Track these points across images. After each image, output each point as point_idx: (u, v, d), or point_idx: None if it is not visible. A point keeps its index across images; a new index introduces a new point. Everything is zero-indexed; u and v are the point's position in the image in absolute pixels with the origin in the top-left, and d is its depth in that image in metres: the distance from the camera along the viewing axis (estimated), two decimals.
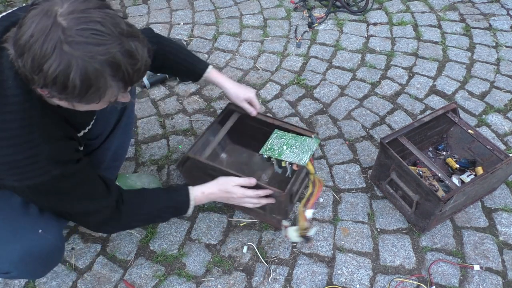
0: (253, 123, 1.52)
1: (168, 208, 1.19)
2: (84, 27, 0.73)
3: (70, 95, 0.78)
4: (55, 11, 0.73)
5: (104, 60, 0.75)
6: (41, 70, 0.74)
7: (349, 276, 1.36)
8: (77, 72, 0.74)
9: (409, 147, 1.41)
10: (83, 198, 1.01)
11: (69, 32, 0.73)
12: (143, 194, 1.18)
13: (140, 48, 0.80)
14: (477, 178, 1.33)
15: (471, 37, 2.25)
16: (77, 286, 1.36)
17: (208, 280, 1.37)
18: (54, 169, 0.90)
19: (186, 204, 1.20)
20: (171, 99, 1.98)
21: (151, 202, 1.16)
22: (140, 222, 1.22)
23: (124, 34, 0.77)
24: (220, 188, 1.25)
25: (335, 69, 2.10)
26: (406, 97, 1.95)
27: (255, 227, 1.49)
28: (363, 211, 1.53)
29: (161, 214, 1.21)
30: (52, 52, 0.73)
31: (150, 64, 0.85)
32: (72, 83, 0.75)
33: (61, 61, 0.73)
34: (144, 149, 1.76)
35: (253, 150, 1.66)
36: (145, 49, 0.82)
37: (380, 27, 2.34)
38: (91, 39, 0.74)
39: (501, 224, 1.48)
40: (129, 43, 0.78)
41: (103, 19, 0.75)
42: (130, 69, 0.79)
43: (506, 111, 1.87)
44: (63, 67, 0.73)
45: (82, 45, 0.73)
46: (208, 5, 2.52)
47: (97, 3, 0.77)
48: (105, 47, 0.75)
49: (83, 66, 0.74)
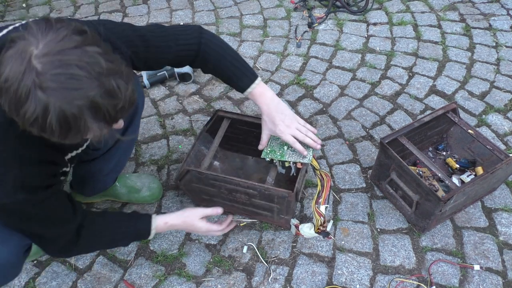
0: (244, 127, 1.52)
1: (129, 234, 1.18)
2: (59, 72, 0.70)
3: (50, 136, 0.76)
4: (30, 52, 0.70)
5: (82, 105, 0.72)
6: (18, 113, 0.72)
7: (349, 276, 1.36)
8: (54, 117, 0.71)
9: (409, 147, 1.41)
10: (45, 223, 0.99)
11: (43, 77, 0.69)
12: (105, 219, 1.17)
13: (122, 85, 0.76)
14: (477, 178, 1.33)
15: (471, 37, 2.25)
16: (77, 286, 1.36)
17: (208, 280, 1.37)
18: (19, 193, 0.88)
19: (147, 232, 1.19)
20: (171, 99, 1.98)
21: (112, 229, 1.16)
22: (99, 247, 1.22)
23: (103, 73, 0.73)
24: (184, 220, 1.24)
25: (335, 69, 2.10)
26: (406, 97, 1.95)
27: (255, 227, 1.49)
28: (363, 211, 1.53)
29: (121, 240, 1.20)
30: (27, 98, 0.70)
31: (135, 99, 0.82)
32: (49, 127, 0.73)
33: (36, 106, 0.70)
34: (144, 149, 1.76)
35: (245, 154, 1.67)
36: (129, 85, 0.78)
37: (380, 27, 2.34)
38: (67, 84, 0.70)
39: (501, 224, 1.48)
40: (110, 82, 0.74)
41: (80, 60, 0.71)
42: (111, 110, 0.76)
43: (506, 111, 1.87)
44: (39, 112, 0.71)
45: (57, 91, 0.70)
46: (208, 5, 2.52)
47: (75, 41, 0.72)
48: (82, 91, 0.71)
49: (60, 111, 0.71)
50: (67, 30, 0.73)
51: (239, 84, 1.21)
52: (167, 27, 1.16)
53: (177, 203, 1.57)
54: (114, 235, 1.16)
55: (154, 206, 1.57)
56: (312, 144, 1.25)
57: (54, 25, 0.73)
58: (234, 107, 1.92)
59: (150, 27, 1.13)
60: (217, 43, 1.19)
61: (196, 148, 1.48)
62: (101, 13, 2.51)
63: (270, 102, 1.22)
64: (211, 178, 1.35)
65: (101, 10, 2.53)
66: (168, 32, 1.14)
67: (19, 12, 2.55)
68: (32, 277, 1.38)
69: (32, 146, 0.87)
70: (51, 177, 0.96)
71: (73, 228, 1.05)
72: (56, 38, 0.72)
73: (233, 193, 1.39)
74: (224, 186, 1.37)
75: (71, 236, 1.06)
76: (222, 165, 1.66)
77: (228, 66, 1.20)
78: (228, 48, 1.21)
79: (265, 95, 1.22)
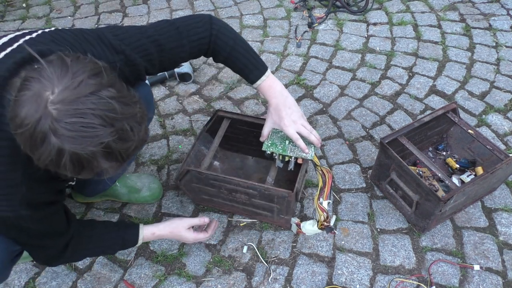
0: (244, 127, 1.53)
1: (116, 245, 1.21)
2: (74, 121, 0.71)
3: (63, 172, 0.78)
4: (46, 97, 0.71)
5: (95, 151, 0.74)
6: (33, 154, 0.74)
7: (349, 276, 1.36)
8: (68, 160, 0.74)
9: (409, 147, 1.41)
10: (40, 236, 1.01)
11: (58, 124, 0.71)
12: (94, 229, 1.18)
13: (136, 127, 0.78)
14: (477, 178, 1.33)
15: (471, 37, 2.25)
16: (77, 286, 1.36)
17: (208, 280, 1.37)
18: (23, 210, 0.89)
19: (134, 242, 1.22)
20: (171, 99, 1.98)
21: (100, 240, 1.18)
22: (86, 256, 1.22)
23: (118, 118, 0.74)
24: (172, 231, 1.27)
25: (335, 69, 2.10)
26: (406, 97, 1.95)
27: (255, 227, 1.49)
28: (363, 211, 1.53)
29: (108, 250, 1.23)
30: (42, 143, 0.72)
31: (147, 138, 0.84)
32: (63, 167, 0.75)
33: (51, 150, 0.72)
34: (144, 149, 1.76)
35: (245, 154, 1.67)
36: (142, 125, 0.80)
37: (380, 27, 2.34)
38: (82, 133, 0.72)
39: (501, 224, 1.48)
40: (124, 126, 0.75)
41: (95, 108, 0.72)
42: (123, 153, 0.78)
43: (506, 111, 1.87)
44: (54, 155, 0.73)
45: (72, 138, 0.72)
46: (208, 5, 2.52)
47: (90, 86, 0.73)
48: (97, 139, 0.73)
49: (74, 154, 0.73)
50: (83, 75, 0.73)
51: (249, 75, 1.21)
52: (177, 22, 1.13)
53: (177, 203, 1.57)
54: (101, 245, 1.19)
55: (154, 206, 1.57)
56: (315, 142, 1.26)
57: (70, 68, 0.74)
58: (234, 107, 1.93)
59: (161, 26, 1.11)
60: (228, 34, 1.18)
61: (196, 148, 1.48)
62: (101, 13, 2.51)
63: (279, 95, 1.22)
64: (211, 178, 1.35)
65: (101, 10, 2.53)
66: (179, 29, 1.12)
67: (19, 12, 2.55)
68: (32, 277, 1.38)
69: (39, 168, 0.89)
70: (57, 194, 0.99)
71: (63, 242, 1.07)
72: (72, 85, 0.72)
73: (233, 193, 1.39)
74: (224, 186, 1.37)
75: (60, 248, 1.07)
76: (222, 165, 1.66)
77: (239, 57, 1.19)
78: (239, 39, 1.20)
79: (275, 88, 1.22)
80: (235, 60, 1.20)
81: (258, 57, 1.22)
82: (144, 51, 1.05)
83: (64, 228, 1.06)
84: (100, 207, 1.56)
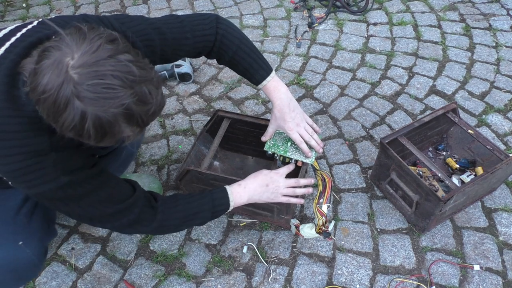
0: (244, 127, 1.53)
1: (205, 204, 1.14)
2: (95, 82, 0.73)
3: (86, 140, 0.79)
4: (67, 63, 0.73)
5: (117, 113, 0.75)
6: (57, 121, 0.76)
7: (349, 276, 1.36)
8: (91, 124, 0.75)
9: (409, 147, 1.41)
10: (101, 202, 0.98)
11: (80, 87, 0.73)
12: (175, 196, 1.15)
13: (153, 91, 0.80)
14: (477, 178, 1.33)
15: (471, 37, 2.25)
16: (77, 286, 1.36)
17: (208, 280, 1.37)
18: (61, 177, 0.89)
19: (224, 198, 1.16)
20: (171, 99, 1.98)
21: (186, 200, 1.13)
22: (177, 220, 1.11)
23: (136, 81, 0.76)
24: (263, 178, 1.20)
25: (335, 69, 2.10)
26: (406, 97, 1.95)
27: (255, 227, 1.49)
28: (363, 211, 1.53)
29: (199, 212, 1.13)
30: (65, 108, 0.73)
31: (164, 103, 0.86)
32: (87, 133, 0.77)
33: (74, 115, 0.74)
34: (144, 149, 1.76)
35: (245, 154, 1.67)
36: (159, 90, 0.82)
37: (380, 27, 2.34)
38: (103, 94, 0.74)
39: (501, 224, 1.48)
40: (142, 88, 0.77)
41: (114, 70, 0.74)
42: (144, 115, 0.80)
43: (506, 111, 1.87)
44: (77, 120, 0.74)
45: (94, 100, 0.74)
46: (208, 5, 2.52)
47: (108, 50, 0.75)
48: (118, 100, 0.75)
49: (97, 118, 0.75)
50: (100, 40, 0.75)
51: (255, 76, 1.21)
52: (183, 17, 1.14)
53: None
54: (190, 207, 1.12)
55: None
56: (316, 147, 1.27)
57: (87, 35, 0.76)
58: (234, 107, 1.92)
59: (165, 18, 1.12)
60: (235, 34, 1.18)
61: (196, 148, 1.48)
62: (101, 13, 2.51)
63: (283, 97, 1.22)
64: (211, 178, 1.35)
65: (101, 10, 2.53)
66: (184, 23, 1.12)
67: (19, 12, 2.55)
68: None
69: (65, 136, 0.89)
70: (90, 157, 0.97)
71: (139, 202, 1.02)
72: (91, 49, 0.74)
73: None
74: None
75: (141, 211, 1.02)
76: (222, 165, 1.66)
77: (244, 57, 1.19)
78: (245, 39, 1.20)
79: (279, 89, 1.22)
80: (241, 60, 1.19)
81: (263, 58, 1.22)
82: (144, 35, 1.04)
83: (126, 191, 1.02)
84: None
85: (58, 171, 0.88)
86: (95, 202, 0.97)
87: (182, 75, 2.01)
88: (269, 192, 1.21)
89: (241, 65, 1.20)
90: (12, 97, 0.82)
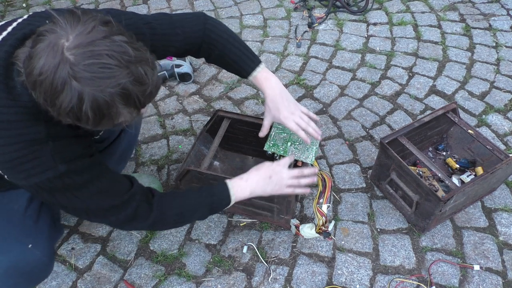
0: (244, 127, 1.53)
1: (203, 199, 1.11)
2: (91, 62, 0.73)
3: (85, 124, 0.80)
4: (62, 44, 0.73)
5: (114, 93, 0.76)
6: (54, 104, 0.76)
7: (349, 276, 1.36)
8: (89, 105, 0.75)
9: (409, 147, 1.41)
10: (99, 194, 0.96)
11: (76, 67, 0.73)
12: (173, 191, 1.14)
13: (149, 71, 0.80)
14: (477, 178, 1.33)
15: (471, 37, 2.25)
16: (77, 286, 1.36)
17: (208, 280, 1.37)
18: (59, 165, 0.88)
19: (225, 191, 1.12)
20: (171, 99, 1.98)
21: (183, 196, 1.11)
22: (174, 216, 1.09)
23: (132, 61, 0.77)
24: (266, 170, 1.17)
25: (335, 69, 2.10)
26: (406, 97, 1.95)
27: (255, 227, 1.49)
28: (363, 211, 1.53)
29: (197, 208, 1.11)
30: (63, 89, 0.73)
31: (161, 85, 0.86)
32: (85, 115, 0.77)
33: (72, 96, 0.74)
34: (144, 149, 1.76)
35: (245, 154, 1.67)
36: (155, 71, 0.82)
37: (380, 27, 2.34)
38: (99, 74, 0.74)
39: (501, 224, 1.48)
40: (138, 69, 0.77)
41: (109, 50, 0.75)
42: (140, 96, 0.80)
43: (506, 111, 1.87)
44: (75, 102, 0.74)
45: (91, 80, 0.74)
46: (208, 5, 2.52)
47: (103, 32, 0.75)
48: (114, 79, 0.75)
49: (94, 99, 0.75)
50: (94, 22, 0.76)
51: (244, 67, 1.20)
52: (172, 14, 1.16)
53: None
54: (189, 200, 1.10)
55: None
56: (314, 134, 1.24)
57: (81, 17, 0.76)
58: (234, 107, 1.92)
59: (156, 15, 1.13)
60: (222, 28, 1.20)
61: (196, 148, 1.48)
62: None
63: (275, 87, 1.21)
64: (211, 178, 1.35)
65: None
66: (173, 19, 1.14)
67: (19, 12, 2.55)
68: None
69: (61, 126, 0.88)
70: (88, 147, 0.97)
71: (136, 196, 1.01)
72: (85, 30, 0.75)
73: None
74: None
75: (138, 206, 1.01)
76: (222, 165, 1.66)
77: (233, 50, 1.19)
78: (232, 33, 1.21)
79: (270, 79, 1.21)
80: (230, 53, 1.19)
81: (251, 51, 1.23)
82: (135, 29, 1.04)
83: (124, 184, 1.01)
84: None
85: (56, 160, 0.88)
86: (93, 193, 0.95)
87: (182, 75, 2.01)
88: (273, 184, 1.17)
89: (230, 58, 1.20)
90: (7, 88, 0.82)
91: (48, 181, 0.88)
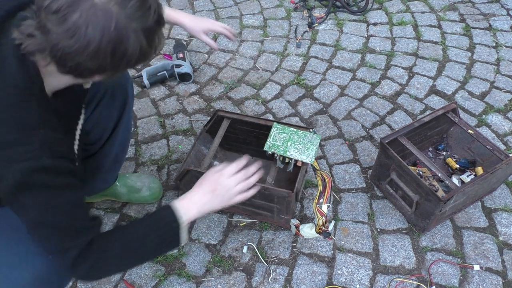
0: (244, 127, 1.53)
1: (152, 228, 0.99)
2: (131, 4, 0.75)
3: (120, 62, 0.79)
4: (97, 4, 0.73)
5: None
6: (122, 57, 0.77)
7: (349, 276, 1.36)
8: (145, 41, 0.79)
9: (409, 147, 1.41)
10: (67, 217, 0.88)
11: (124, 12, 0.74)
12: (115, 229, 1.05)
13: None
14: (477, 178, 1.33)
15: (471, 37, 2.25)
16: (77, 286, 1.36)
17: (208, 280, 1.37)
18: (45, 158, 0.83)
19: (171, 214, 0.99)
20: (171, 99, 1.98)
21: (123, 229, 1.01)
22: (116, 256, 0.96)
23: None
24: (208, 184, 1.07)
25: (335, 69, 2.10)
26: (406, 97, 1.95)
27: (255, 227, 1.49)
28: (363, 211, 1.53)
29: (144, 239, 0.98)
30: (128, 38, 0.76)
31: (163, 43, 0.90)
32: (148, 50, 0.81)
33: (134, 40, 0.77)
34: (144, 149, 1.76)
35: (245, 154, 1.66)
36: None
37: (380, 27, 2.34)
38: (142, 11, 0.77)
39: (501, 224, 1.48)
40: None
41: None
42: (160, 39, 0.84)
43: (506, 111, 1.87)
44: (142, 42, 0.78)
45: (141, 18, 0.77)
46: (208, 5, 2.52)
47: None
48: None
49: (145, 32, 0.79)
50: None
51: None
52: None
53: None
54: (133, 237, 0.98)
55: (154, 206, 1.57)
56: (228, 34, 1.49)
57: None
58: (234, 107, 1.92)
59: None
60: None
61: (196, 148, 1.48)
62: None
63: (186, 14, 1.41)
64: None
65: None
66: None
67: None
68: None
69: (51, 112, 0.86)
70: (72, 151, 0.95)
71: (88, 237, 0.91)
72: None
73: None
74: None
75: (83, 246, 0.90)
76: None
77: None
78: None
79: (177, 11, 1.40)
80: None
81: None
82: None
83: (87, 220, 0.93)
84: (100, 207, 1.56)
85: (43, 151, 0.83)
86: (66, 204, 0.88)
87: (182, 75, 2.01)
88: (221, 197, 1.07)
89: None
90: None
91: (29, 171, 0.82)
